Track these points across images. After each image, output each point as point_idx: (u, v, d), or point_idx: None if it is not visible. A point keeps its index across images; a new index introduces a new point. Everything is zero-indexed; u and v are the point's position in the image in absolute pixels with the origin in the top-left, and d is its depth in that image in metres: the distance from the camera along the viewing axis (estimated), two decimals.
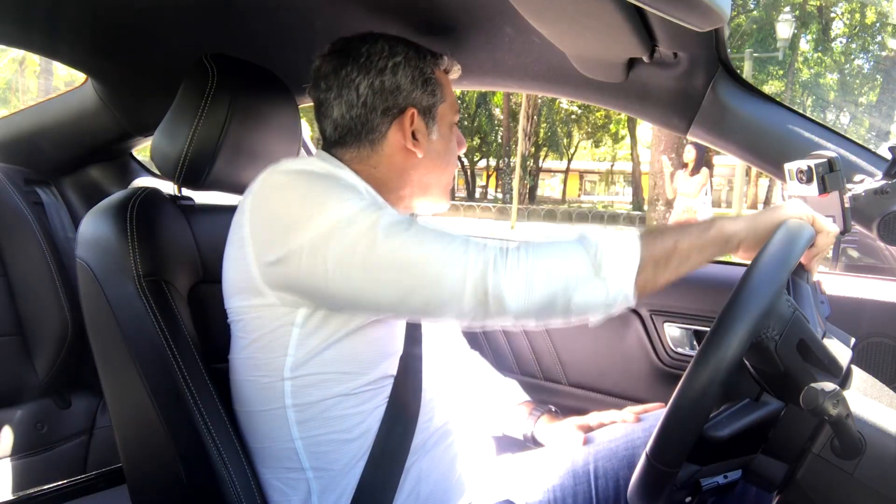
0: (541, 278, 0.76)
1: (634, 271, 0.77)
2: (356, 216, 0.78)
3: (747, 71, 12.60)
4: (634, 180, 24.64)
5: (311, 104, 1.01)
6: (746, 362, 0.71)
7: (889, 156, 0.94)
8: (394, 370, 0.90)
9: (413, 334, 0.94)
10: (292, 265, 0.80)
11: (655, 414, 1.06)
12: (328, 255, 0.78)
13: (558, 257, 0.77)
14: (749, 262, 0.70)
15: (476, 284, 0.75)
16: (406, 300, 0.78)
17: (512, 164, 19.27)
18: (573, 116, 25.26)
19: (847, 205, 0.87)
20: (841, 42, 19.03)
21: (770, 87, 18.56)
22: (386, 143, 0.95)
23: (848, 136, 1.09)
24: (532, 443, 1.14)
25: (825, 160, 0.86)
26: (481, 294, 0.75)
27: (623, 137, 26.84)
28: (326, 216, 0.78)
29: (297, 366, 0.85)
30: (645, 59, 1.06)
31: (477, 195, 27.31)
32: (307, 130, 1.78)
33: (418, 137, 0.96)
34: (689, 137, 1.24)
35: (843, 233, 0.86)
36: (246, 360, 0.89)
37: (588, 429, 1.07)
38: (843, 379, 0.69)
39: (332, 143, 0.98)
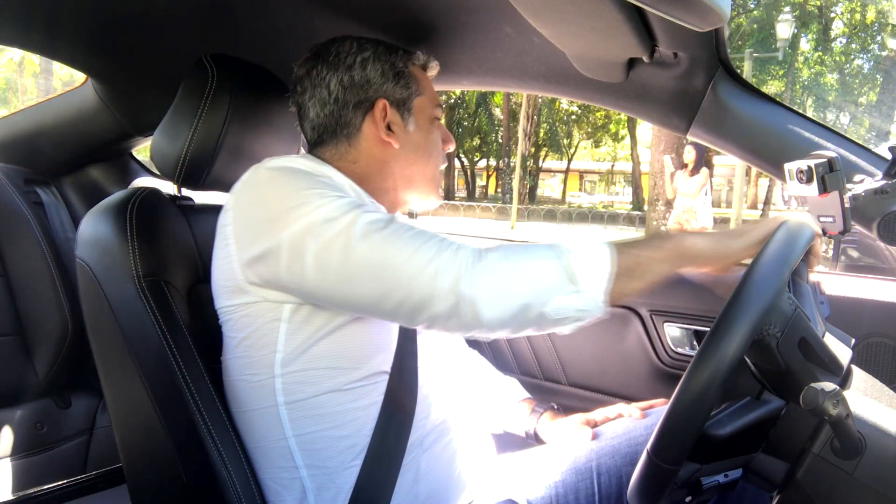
0: (515, 284, 0.75)
1: (606, 280, 0.77)
2: (334, 213, 0.78)
3: (747, 71, 12.59)
4: (634, 180, 24.64)
5: None
6: (748, 360, 0.71)
7: (889, 156, 0.94)
8: (387, 366, 0.90)
9: (407, 330, 0.94)
10: (272, 261, 0.80)
11: (657, 411, 1.06)
12: (306, 251, 0.78)
13: (533, 263, 0.77)
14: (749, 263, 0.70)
15: (450, 288, 0.74)
16: (381, 301, 0.77)
17: (512, 164, 19.28)
18: (573, 116, 25.26)
19: (847, 205, 0.87)
20: (841, 42, 19.03)
21: (770, 87, 18.57)
22: (362, 137, 0.97)
23: (848, 136, 1.09)
24: (534, 440, 1.14)
25: (825, 160, 0.86)
26: (455, 298, 0.74)
27: (623, 137, 26.84)
28: (306, 212, 0.79)
29: (286, 362, 0.85)
30: (645, 59, 1.06)
31: (477, 195, 27.31)
32: None
33: (394, 129, 0.97)
34: (689, 137, 1.24)
35: (842, 233, 0.86)
36: (237, 360, 0.89)
37: (593, 424, 1.07)
38: (843, 379, 0.69)
39: (314, 145, 1.00)
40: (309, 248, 0.78)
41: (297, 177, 0.84)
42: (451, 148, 1.07)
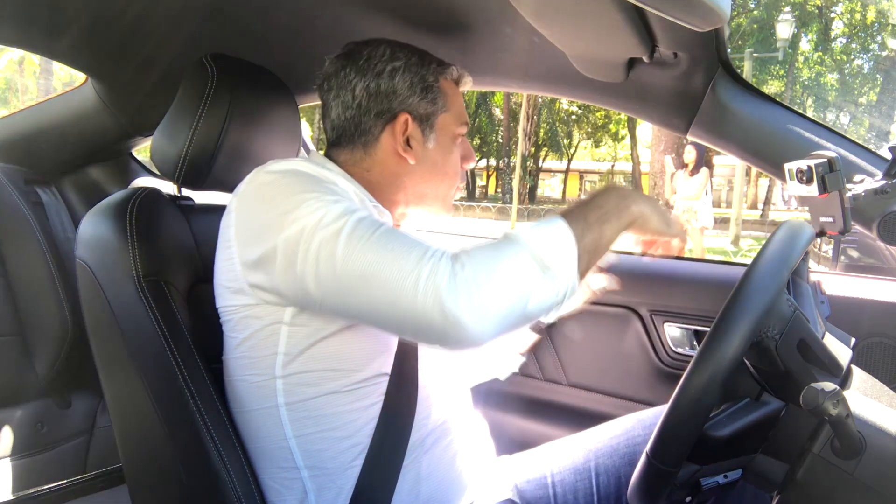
0: (496, 290, 0.72)
1: (576, 261, 0.75)
2: (326, 217, 0.77)
3: (747, 71, 12.59)
4: (634, 180, 24.63)
5: (311, 104, 1.02)
6: (747, 362, 0.71)
7: (889, 156, 0.94)
8: (388, 368, 0.90)
9: None
10: (269, 265, 0.80)
11: (655, 412, 1.06)
12: (297, 256, 0.77)
13: (506, 263, 0.73)
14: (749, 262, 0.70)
15: (432, 303, 0.70)
16: (366, 309, 0.75)
17: (512, 164, 19.28)
18: (573, 116, 25.26)
19: (847, 205, 0.87)
20: (841, 42, 19.03)
21: (770, 87, 18.57)
22: (378, 147, 0.95)
23: (848, 136, 1.10)
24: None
25: (825, 160, 0.86)
26: (437, 309, 0.70)
27: (623, 137, 26.85)
28: (300, 215, 0.78)
29: (288, 364, 0.85)
30: (645, 59, 1.06)
31: (477, 195, 27.32)
32: (307, 130, 1.78)
33: (412, 144, 0.95)
34: (689, 137, 1.24)
35: (842, 233, 0.86)
36: (238, 360, 0.89)
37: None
38: (843, 379, 0.69)
39: (332, 145, 0.99)
40: (300, 252, 0.77)
41: (298, 180, 0.83)
42: (472, 165, 1.04)
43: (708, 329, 0.67)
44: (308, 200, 0.79)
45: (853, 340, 0.77)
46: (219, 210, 1.09)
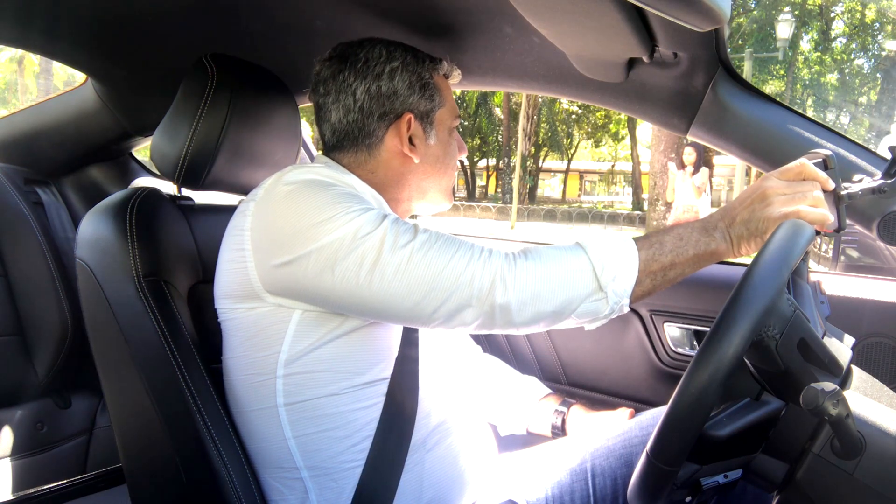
0: (547, 294, 0.78)
1: (632, 285, 0.80)
2: (364, 228, 0.79)
3: (747, 71, 12.59)
4: (634, 180, 24.64)
5: (311, 104, 1.01)
6: (747, 361, 0.71)
7: (889, 156, 0.94)
8: (388, 372, 0.90)
9: (409, 336, 0.94)
10: (298, 271, 0.80)
11: (653, 413, 1.06)
12: (335, 265, 0.78)
13: (564, 271, 0.79)
14: (750, 260, 0.70)
15: (483, 299, 0.77)
16: (413, 311, 0.79)
17: (512, 164, 19.28)
18: (573, 116, 25.26)
19: (842, 203, 0.86)
20: (841, 42, 19.04)
21: (770, 87, 18.57)
22: (383, 148, 0.96)
23: (848, 136, 1.09)
24: (561, 434, 1.16)
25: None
26: (488, 308, 0.78)
27: (623, 137, 26.86)
28: (334, 227, 0.79)
29: (289, 363, 0.86)
30: (645, 59, 1.06)
31: (477, 195, 27.31)
32: (307, 130, 1.78)
33: (415, 142, 0.96)
34: (689, 137, 1.24)
35: (837, 231, 0.86)
36: (239, 360, 0.89)
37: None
38: (843, 379, 0.69)
39: (331, 148, 0.99)
40: (338, 262, 0.78)
41: (324, 189, 0.83)
42: (464, 155, 1.07)
43: (708, 329, 0.67)
44: (338, 211, 0.80)
45: (853, 340, 0.77)
46: (219, 210, 1.09)
